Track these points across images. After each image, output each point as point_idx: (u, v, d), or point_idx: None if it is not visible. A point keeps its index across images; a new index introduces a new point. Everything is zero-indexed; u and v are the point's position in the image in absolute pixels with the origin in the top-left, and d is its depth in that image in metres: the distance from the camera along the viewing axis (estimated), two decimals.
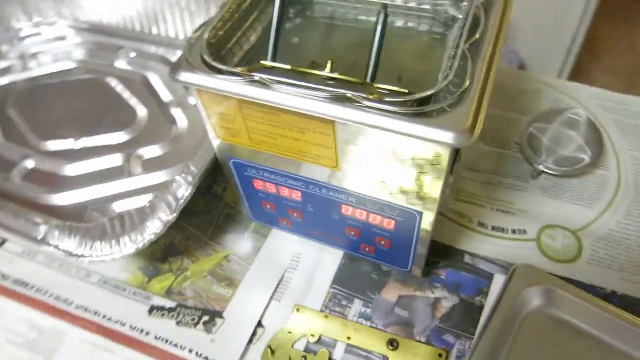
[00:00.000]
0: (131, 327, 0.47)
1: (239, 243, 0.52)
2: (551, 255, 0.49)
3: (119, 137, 0.61)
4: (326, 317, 0.47)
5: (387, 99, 0.34)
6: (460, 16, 0.45)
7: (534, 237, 0.50)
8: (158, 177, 0.57)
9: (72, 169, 0.58)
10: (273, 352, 0.45)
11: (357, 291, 0.49)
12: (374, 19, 0.48)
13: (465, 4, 0.43)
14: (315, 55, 0.45)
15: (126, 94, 0.66)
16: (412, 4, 0.47)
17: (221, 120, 0.42)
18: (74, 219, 0.53)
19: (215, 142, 0.45)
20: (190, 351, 0.45)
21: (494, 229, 0.52)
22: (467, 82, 0.35)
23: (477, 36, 0.39)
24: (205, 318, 0.47)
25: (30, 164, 0.59)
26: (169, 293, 0.49)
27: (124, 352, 0.45)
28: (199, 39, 0.40)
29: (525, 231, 0.51)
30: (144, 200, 0.54)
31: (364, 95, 0.34)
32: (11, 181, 0.57)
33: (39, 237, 0.46)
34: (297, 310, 0.48)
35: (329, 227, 0.48)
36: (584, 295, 0.44)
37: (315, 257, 0.51)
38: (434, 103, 0.35)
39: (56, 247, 0.45)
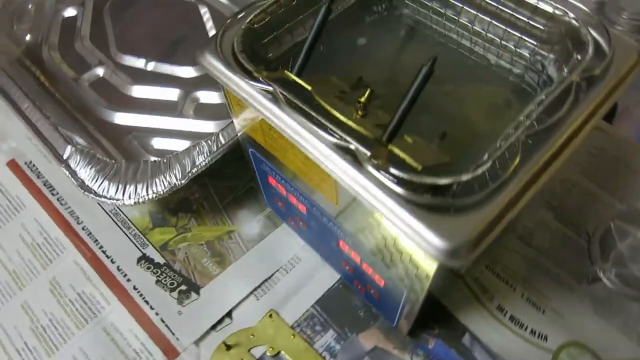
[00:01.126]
0: (118, 268, 0.48)
1: (248, 223, 0.51)
2: None
3: (186, 71, 0.60)
4: (293, 335, 0.45)
5: (392, 170, 0.28)
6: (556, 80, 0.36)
7: (553, 349, 0.43)
8: (203, 125, 0.55)
9: (133, 90, 0.59)
10: (228, 348, 0.44)
11: (336, 322, 0.45)
12: (464, 42, 0.40)
13: (565, 72, 0.34)
14: (370, 69, 0.39)
15: (209, 25, 0.64)
16: (510, 44, 0.39)
17: (241, 110, 0.39)
18: (114, 138, 0.54)
19: (237, 126, 0.42)
20: (157, 314, 0.46)
21: (512, 319, 0.44)
22: (498, 183, 0.28)
23: (551, 120, 0.30)
24: (183, 287, 0.47)
25: (100, 71, 0.60)
26: (163, 248, 0.49)
27: (103, 289, 0.47)
28: (239, 21, 0.36)
29: (545, 337, 0.43)
30: (180, 145, 0.54)
31: (369, 155, 0.29)
32: (79, 84, 0.59)
33: (64, 156, 0.47)
34: (270, 315, 0.46)
35: (328, 251, 0.44)
36: None
37: (312, 268, 0.48)
38: (451, 194, 0.28)
39: (72, 172, 0.46)
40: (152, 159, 0.48)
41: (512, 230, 0.49)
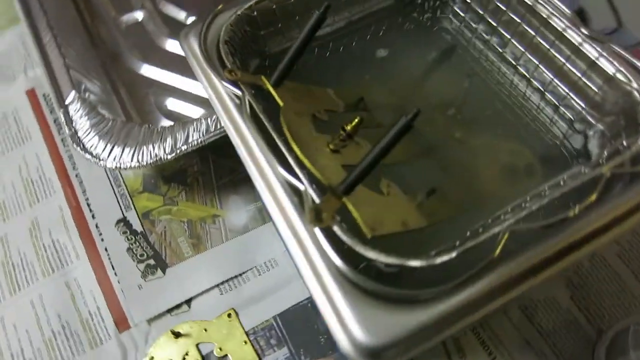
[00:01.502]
0: (97, 225, 0.47)
1: (237, 211, 0.48)
2: None
3: None
4: (246, 342, 0.42)
5: (336, 229, 0.24)
6: (595, 153, 0.29)
7: None
8: None
9: (166, 43, 0.56)
10: (176, 336, 0.43)
11: (293, 340, 0.42)
12: (503, 81, 0.34)
13: (604, 155, 0.27)
14: (382, 89, 0.34)
15: None
16: (554, 98, 0.31)
17: None
18: (132, 89, 0.53)
19: None
20: (119, 282, 0.45)
21: None
22: (455, 282, 0.23)
23: (554, 220, 0.24)
24: (151, 262, 0.45)
25: (140, 16, 0.58)
26: (145, 215, 0.48)
27: (77, 243, 0.46)
28: (238, 4, 0.32)
29: None
30: (193, 111, 0.51)
31: (314, 205, 0.24)
32: (117, 24, 0.58)
33: (66, 101, 0.46)
34: (229, 314, 0.43)
35: None
36: None
37: (288, 276, 0.45)
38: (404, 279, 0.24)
39: (69, 119, 0.45)
40: (164, 123, 0.45)
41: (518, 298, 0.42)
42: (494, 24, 0.33)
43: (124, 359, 0.42)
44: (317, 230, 0.24)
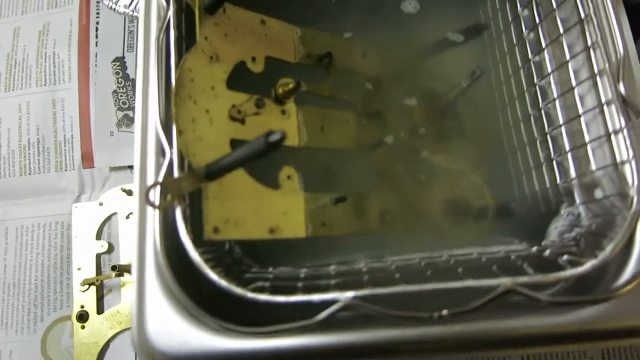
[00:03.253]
0: (96, 55, 0.46)
1: None
2: None
3: None
4: None
5: (177, 213, 0.20)
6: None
7: None
8: None
9: None
10: (127, 194, 0.43)
11: None
12: (511, 96, 0.25)
13: (551, 249, 0.20)
14: (366, 51, 0.27)
15: None
16: (553, 149, 0.23)
17: None
18: None
19: None
20: (95, 120, 0.45)
21: None
22: (266, 329, 0.20)
23: (432, 315, 0.20)
24: (130, 113, 0.44)
25: None
26: None
27: (73, 65, 0.46)
28: None
29: None
30: None
31: (162, 182, 0.21)
32: None
33: None
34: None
35: None
36: None
37: None
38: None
39: None
40: None
41: None
42: (537, 18, 0.24)
43: (80, 192, 0.44)
44: (150, 208, 0.21)
